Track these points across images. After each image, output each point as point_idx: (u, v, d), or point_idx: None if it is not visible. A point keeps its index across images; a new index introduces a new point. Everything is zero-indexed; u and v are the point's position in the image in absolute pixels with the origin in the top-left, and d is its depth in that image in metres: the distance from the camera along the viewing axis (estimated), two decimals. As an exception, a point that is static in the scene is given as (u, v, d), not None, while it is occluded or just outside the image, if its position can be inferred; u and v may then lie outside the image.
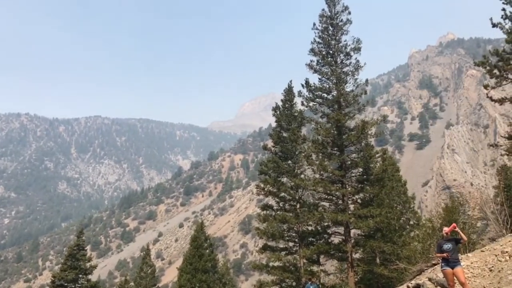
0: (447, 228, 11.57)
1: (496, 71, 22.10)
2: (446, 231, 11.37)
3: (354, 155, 25.98)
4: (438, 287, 12.62)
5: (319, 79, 26.66)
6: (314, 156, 25.77)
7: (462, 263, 11.67)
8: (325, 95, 26.56)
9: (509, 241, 13.68)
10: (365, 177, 25.94)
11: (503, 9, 21.79)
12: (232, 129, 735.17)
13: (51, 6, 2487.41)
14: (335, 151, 25.95)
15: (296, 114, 28.08)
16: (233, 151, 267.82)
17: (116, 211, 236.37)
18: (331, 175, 25.12)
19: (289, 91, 28.50)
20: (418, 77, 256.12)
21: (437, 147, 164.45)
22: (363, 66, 26.09)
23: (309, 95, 26.33)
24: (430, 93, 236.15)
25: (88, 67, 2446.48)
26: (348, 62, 26.35)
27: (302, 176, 26.94)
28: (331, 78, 26.22)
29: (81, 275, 31.53)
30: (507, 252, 12.80)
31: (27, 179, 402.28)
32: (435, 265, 15.79)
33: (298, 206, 26.61)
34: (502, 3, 22.06)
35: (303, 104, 26.83)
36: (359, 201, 26.16)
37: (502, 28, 21.95)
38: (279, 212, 26.68)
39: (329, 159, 25.46)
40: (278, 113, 28.42)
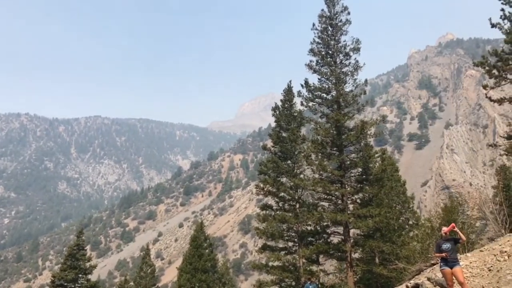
0: (446, 228, 11.60)
1: (495, 71, 22.13)
2: (445, 231, 11.39)
3: (353, 155, 26.02)
4: (437, 287, 12.65)
5: (319, 79, 26.71)
6: (313, 156, 25.79)
7: (461, 263, 11.70)
8: (325, 95, 26.60)
9: (508, 241, 13.71)
10: (364, 177, 25.98)
11: (502, 10, 21.83)
12: (231, 129, 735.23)
13: (50, 5, 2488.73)
14: (335, 151, 25.98)
15: (295, 114, 28.11)
16: (232, 151, 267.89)
17: (116, 211, 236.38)
18: (330, 175, 25.15)
19: (288, 91, 28.52)
20: (417, 77, 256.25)
21: (436, 147, 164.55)
22: (362, 66, 26.14)
23: (308, 95, 26.36)
24: (429, 93, 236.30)
25: (88, 67, 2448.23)
26: (347, 62, 26.41)
27: (301, 176, 26.97)
28: (331, 78, 26.26)
29: (80, 275, 31.58)
30: (506, 251, 12.83)
31: (27, 179, 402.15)
32: (434, 265, 15.83)
33: (297, 206, 26.64)
34: (501, 3, 22.10)
35: (302, 104, 26.88)
36: (358, 201, 26.19)
37: (501, 28, 21.99)
38: (278, 212, 26.71)
39: (328, 159, 25.49)
40: (277, 113, 28.45)
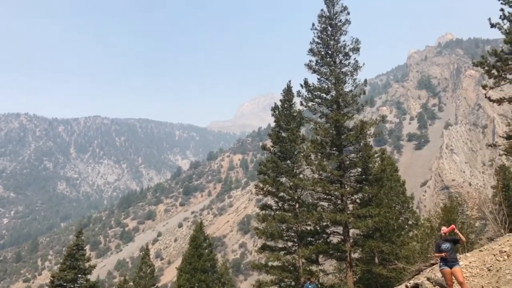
0: (446, 228, 11.60)
1: (494, 71, 22.13)
2: (444, 231, 11.39)
3: (353, 155, 26.02)
4: (436, 287, 12.65)
5: (318, 79, 26.72)
6: (313, 156, 25.79)
7: (460, 263, 11.70)
8: (324, 95, 26.60)
9: (508, 241, 13.70)
10: (364, 177, 25.98)
11: (502, 9, 21.81)
12: (231, 129, 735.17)
13: (50, 5, 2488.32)
14: (334, 151, 25.98)
15: (295, 114, 28.10)
16: (232, 151, 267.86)
17: (115, 211, 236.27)
18: (330, 175, 25.15)
19: (288, 91, 28.51)
20: (416, 78, 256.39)
21: (436, 147, 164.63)
22: (362, 66, 26.15)
23: (308, 95, 26.37)
24: (428, 93, 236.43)
25: (87, 67, 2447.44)
26: (347, 62, 26.42)
27: (301, 176, 26.96)
28: (330, 78, 26.26)
29: (80, 275, 31.57)
30: (505, 251, 12.83)
31: (26, 179, 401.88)
32: (433, 264, 15.83)
33: (297, 206, 26.64)
34: (500, 3, 22.08)
35: (302, 104, 26.88)
36: (358, 201, 26.19)
37: (500, 28, 21.98)
38: (278, 212, 26.70)
39: (328, 159, 25.49)
40: (277, 113, 28.44)
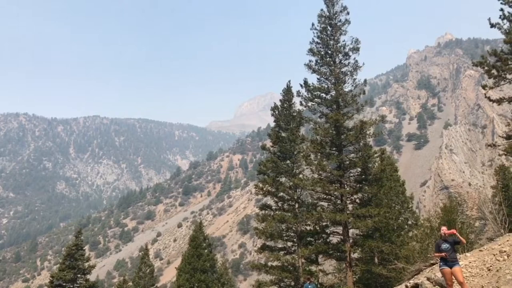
0: (446, 227, 11.58)
1: (494, 71, 22.12)
2: (444, 231, 11.37)
3: (352, 155, 25.99)
4: (436, 287, 12.64)
5: (318, 79, 26.70)
6: (312, 156, 25.77)
7: (460, 263, 11.70)
8: (324, 95, 26.58)
9: (507, 241, 13.70)
10: (363, 177, 25.94)
11: (501, 9, 21.80)
12: (230, 129, 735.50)
13: (49, 5, 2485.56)
14: (334, 151, 25.96)
15: (294, 114, 28.09)
16: (231, 151, 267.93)
17: (114, 211, 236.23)
18: (329, 175, 25.13)
19: (287, 91, 28.50)
20: (416, 78, 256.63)
21: (435, 147, 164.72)
22: (361, 66, 26.14)
23: (307, 95, 26.34)
24: (428, 93, 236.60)
25: (86, 67, 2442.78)
26: (346, 62, 26.39)
27: (300, 176, 26.93)
28: (330, 78, 26.25)
29: (79, 275, 31.53)
30: (505, 251, 12.82)
31: (25, 179, 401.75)
32: (433, 264, 15.83)
33: (296, 206, 26.63)
34: (500, 3, 22.07)
35: (301, 104, 26.87)
36: (357, 201, 26.17)
37: (500, 28, 21.96)
38: (277, 212, 26.69)
39: (327, 159, 25.47)
40: (276, 113, 28.42)
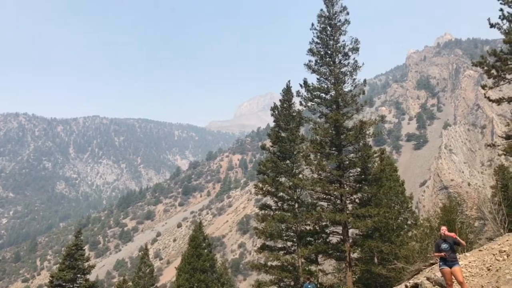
0: (445, 227, 11.58)
1: (494, 71, 22.13)
2: (444, 231, 11.36)
3: (352, 155, 26.01)
4: (436, 286, 12.64)
5: (318, 79, 26.72)
6: (312, 156, 25.78)
7: (460, 263, 11.70)
8: (324, 95, 26.59)
9: (507, 241, 13.71)
10: (363, 177, 25.95)
11: (501, 10, 21.80)
12: (230, 129, 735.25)
13: (49, 5, 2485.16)
14: (333, 151, 25.97)
15: (294, 114, 28.10)
16: (231, 151, 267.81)
17: (114, 211, 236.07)
18: (329, 175, 25.14)
19: (287, 91, 28.51)
20: (415, 78, 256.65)
21: (435, 147, 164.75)
22: (361, 66, 26.16)
23: (307, 95, 26.36)
24: (427, 93, 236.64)
25: (86, 67, 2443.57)
26: (346, 62, 26.40)
27: (300, 176, 26.94)
28: (330, 78, 26.26)
29: (79, 275, 31.53)
30: (505, 251, 12.83)
31: (25, 179, 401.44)
32: (433, 264, 15.84)
33: (296, 205, 26.63)
34: (499, 4, 22.08)
35: (301, 104, 26.88)
36: (357, 200, 26.19)
37: (500, 28, 21.96)
38: (277, 211, 26.70)
39: (327, 159, 25.48)
40: (276, 113, 28.43)
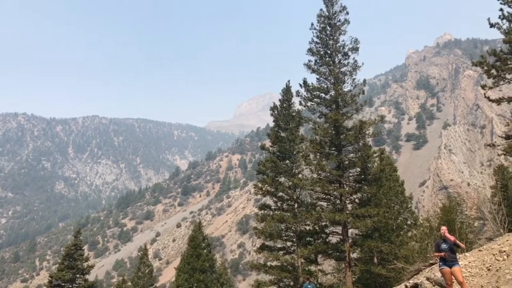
0: (446, 227, 11.56)
1: (493, 71, 22.11)
2: (444, 231, 11.33)
3: (352, 155, 25.99)
4: (436, 287, 12.62)
5: (317, 79, 26.69)
6: (312, 156, 25.76)
7: (460, 263, 11.68)
8: (323, 95, 26.56)
9: (507, 241, 13.70)
10: (363, 177, 25.93)
11: (501, 9, 21.79)
12: (229, 129, 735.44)
13: (48, 5, 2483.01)
14: (333, 151, 25.95)
15: (294, 114, 28.05)
16: (230, 151, 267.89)
17: (113, 211, 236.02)
18: (329, 174, 25.11)
19: (287, 91, 28.47)
20: (415, 78, 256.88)
21: (434, 147, 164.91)
22: (361, 66, 26.13)
23: (307, 95, 26.32)
24: (427, 93, 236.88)
25: (86, 67, 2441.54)
26: (346, 62, 26.36)
27: (300, 175, 26.89)
28: (329, 78, 26.23)
29: (78, 275, 31.47)
30: (505, 251, 12.81)
31: (24, 179, 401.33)
32: (433, 264, 15.82)
33: (296, 205, 26.60)
34: (499, 3, 22.07)
35: (301, 104, 26.85)
36: (356, 200, 26.16)
37: (499, 28, 21.95)
38: (277, 211, 26.65)
39: (327, 159, 25.45)
40: (276, 112, 28.39)
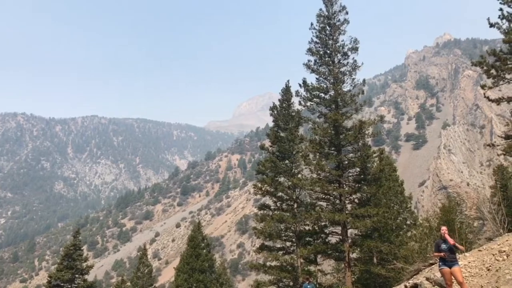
0: (446, 227, 11.54)
1: (493, 71, 22.09)
2: (444, 231, 11.31)
3: (351, 155, 25.97)
4: (436, 287, 12.61)
5: (317, 78, 26.66)
6: (311, 155, 25.74)
7: (459, 263, 11.66)
8: (323, 94, 26.53)
9: (507, 241, 13.68)
10: (362, 177, 25.92)
11: (501, 9, 21.78)
12: (229, 129, 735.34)
13: (48, 4, 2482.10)
14: (333, 151, 25.93)
15: (293, 113, 28.05)
16: (230, 151, 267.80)
17: (112, 211, 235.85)
18: (328, 174, 25.09)
19: (286, 91, 28.46)
20: (414, 78, 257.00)
21: (434, 147, 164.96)
22: (360, 66, 26.12)
23: (306, 95, 26.30)
24: (426, 93, 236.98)
25: (85, 67, 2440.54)
26: (345, 62, 26.34)
27: (299, 175, 26.89)
28: (329, 78, 26.21)
29: (77, 275, 31.41)
30: (504, 251, 12.80)
31: (23, 179, 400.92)
32: (432, 264, 15.80)
33: (295, 205, 26.58)
34: (499, 3, 22.06)
35: (300, 103, 26.84)
36: (356, 200, 26.15)
37: (499, 28, 21.93)
38: (276, 211, 26.64)
39: (326, 159, 25.44)
40: (275, 112, 28.38)
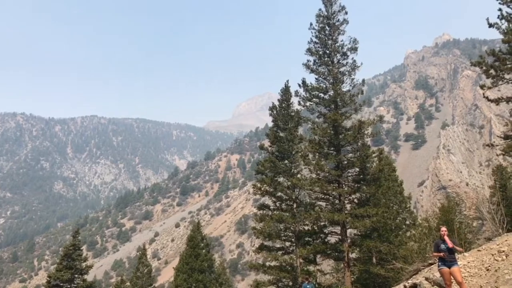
0: (445, 227, 11.54)
1: (492, 71, 22.12)
2: (444, 231, 11.30)
3: (350, 155, 25.98)
4: (435, 287, 12.61)
5: (316, 79, 26.67)
6: (310, 155, 25.75)
7: (459, 263, 11.66)
8: (322, 95, 26.55)
9: (506, 241, 13.69)
10: (361, 176, 25.93)
11: (500, 9, 21.80)
12: (228, 129, 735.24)
13: (48, 5, 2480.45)
14: (332, 151, 25.94)
15: (293, 113, 28.06)
16: (229, 151, 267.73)
17: (112, 211, 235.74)
18: (327, 174, 25.10)
19: (286, 91, 28.48)
20: (414, 78, 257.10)
21: (433, 147, 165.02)
22: (359, 66, 26.13)
23: (306, 95, 26.32)
24: (426, 93, 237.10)
25: (85, 67, 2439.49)
26: (344, 62, 26.35)
27: (298, 175, 26.89)
28: (328, 78, 26.23)
29: (76, 275, 31.41)
30: (503, 251, 12.81)
31: (22, 179, 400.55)
32: (431, 264, 15.81)
33: (294, 205, 26.59)
34: (498, 3, 22.08)
35: (300, 103, 26.85)
36: (355, 200, 26.15)
37: (498, 28, 21.94)
38: (275, 211, 26.65)
39: (325, 159, 25.45)
40: (275, 112, 28.39)
